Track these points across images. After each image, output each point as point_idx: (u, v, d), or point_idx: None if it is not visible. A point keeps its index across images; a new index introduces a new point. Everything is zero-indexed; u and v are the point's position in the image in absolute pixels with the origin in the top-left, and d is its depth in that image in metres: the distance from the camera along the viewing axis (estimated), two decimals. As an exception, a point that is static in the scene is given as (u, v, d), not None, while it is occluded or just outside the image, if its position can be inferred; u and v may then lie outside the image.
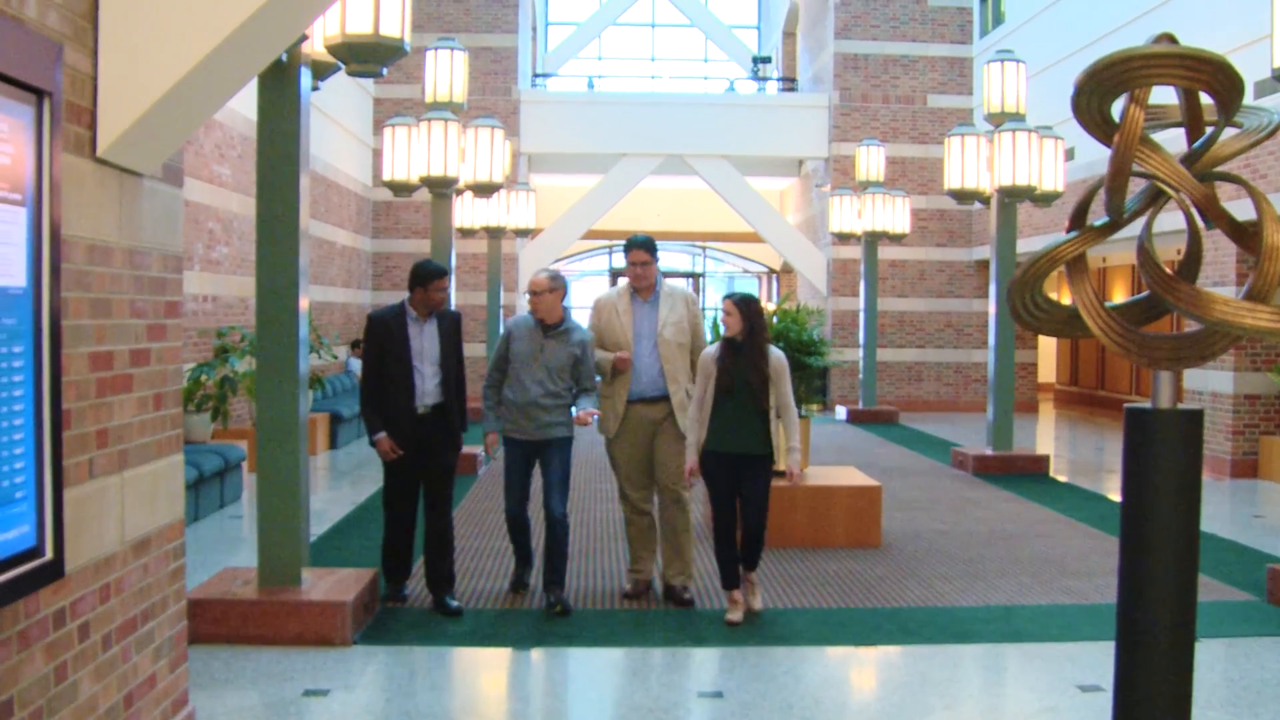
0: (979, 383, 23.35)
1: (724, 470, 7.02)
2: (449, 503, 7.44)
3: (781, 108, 25.20)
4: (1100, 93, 3.13)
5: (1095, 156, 17.56)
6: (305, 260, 7.09)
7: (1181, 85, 3.17)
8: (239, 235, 14.55)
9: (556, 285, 7.42)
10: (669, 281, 7.83)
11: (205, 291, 13.58)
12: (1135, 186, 3.44)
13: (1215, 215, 3.20)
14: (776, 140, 24.38)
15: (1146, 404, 3.30)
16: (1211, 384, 14.85)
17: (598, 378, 7.63)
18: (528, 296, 7.40)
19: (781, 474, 7.58)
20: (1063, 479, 13.94)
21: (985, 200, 14.62)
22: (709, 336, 8.18)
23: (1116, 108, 3.28)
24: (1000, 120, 14.03)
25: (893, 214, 18.89)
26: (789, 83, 29.46)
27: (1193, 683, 3.31)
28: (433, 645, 6.54)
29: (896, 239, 19.08)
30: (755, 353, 6.97)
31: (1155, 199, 3.32)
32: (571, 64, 33.41)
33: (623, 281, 7.82)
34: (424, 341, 7.22)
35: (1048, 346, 26.72)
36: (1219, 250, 14.22)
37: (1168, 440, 3.20)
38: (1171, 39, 3.23)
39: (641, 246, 7.60)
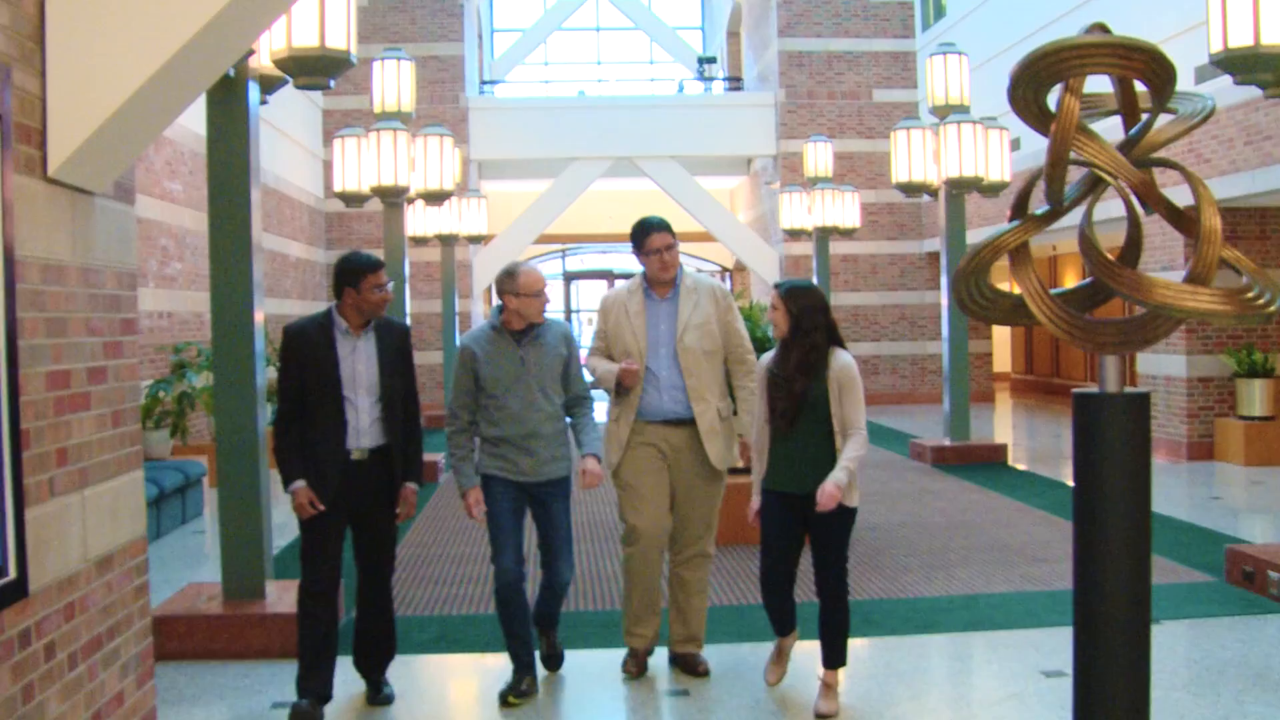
0: (935, 374, 23.52)
1: (785, 514, 5.57)
2: (388, 581, 5.88)
3: (728, 107, 25.31)
4: (1036, 84, 3.19)
5: (1040, 146, 17.62)
6: (259, 274, 7.10)
7: (1115, 74, 3.24)
8: (192, 251, 14.49)
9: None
10: (693, 273, 6.22)
11: (160, 308, 13.51)
12: (1076, 175, 3.51)
13: (1153, 200, 3.27)
14: (725, 139, 24.48)
15: (1094, 389, 3.37)
16: (1165, 368, 15.04)
17: (602, 393, 6.28)
18: (508, 299, 5.79)
19: (849, 512, 5.55)
20: (1021, 467, 14.08)
21: (933, 193, 14.75)
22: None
23: (1053, 99, 3.34)
24: (945, 113, 14.15)
25: (842, 209, 18.97)
26: (735, 82, 29.62)
27: (1150, 662, 3.37)
28: (401, 653, 6.54)
29: (847, 234, 19.16)
30: (808, 358, 5.44)
31: (1094, 186, 3.39)
32: (518, 70, 33.54)
33: (634, 277, 6.24)
34: (358, 363, 5.58)
35: (1002, 336, 26.96)
36: (1166, 235, 14.40)
37: (1117, 423, 3.27)
38: (1104, 29, 3.30)
39: (662, 227, 6.08)
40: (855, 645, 6.46)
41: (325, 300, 22.62)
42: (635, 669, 6.15)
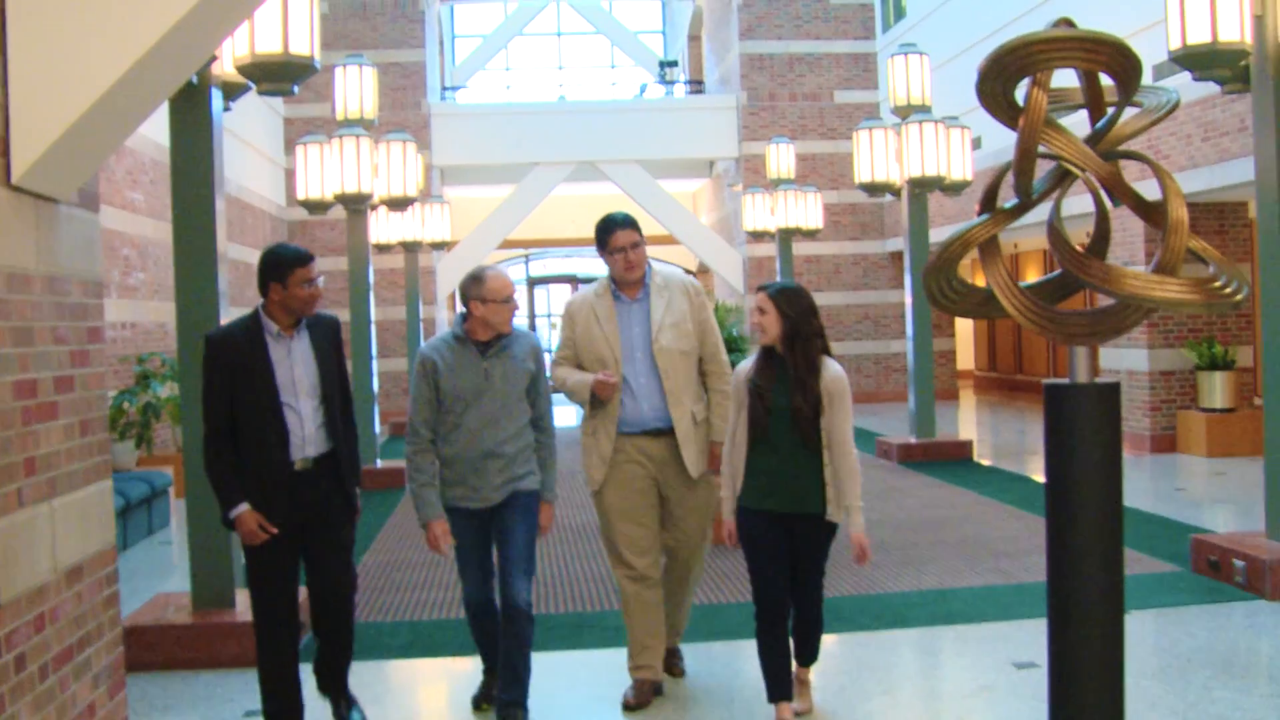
0: (899, 372, 23.63)
1: (768, 535, 5.12)
2: (348, 601, 5.34)
3: (690, 110, 25.41)
4: (1004, 78, 3.21)
5: (1001, 144, 17.83)
6: (224, 283, 7.06)
7: (1082, 67, 3.27)
8: (155, 261, 14.40)
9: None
10: (662, 268, 5.83)
11: (123, 319, 13.41)
12: (1044, 169, 3.53)
13: (1121, 192, 3.30)
14: (687, 142, 24.54)
15: (1064, 380, 3.39)
16: (1127, 362, 15.17)
17: (576, 409, 5.90)
18: (473, 306, 5.31)
19: (832, 528, 5.18)
20: (986, 463, 14.17)
21: (896, 192, 14.81)
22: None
23: (1021, 93, 3.36)
24: (906, 113, 14.21)
25: (805, 210, 19.03)
26: (696, 85, 29.70)
27: (1124, 651, 3.39)
28: (372, 659, 6.51)
29: (810, 234, 19.21)
30: (802, 368, 5.02)
31: (1062, 179, 3.42)
32: (480, 76, 33.47)
33: (600, 279, 5.81)
34: (295, 365, 5.11)
35: (965, 334, 27.08)
36: (1126, 232, 14.52)
37: (1087, 413, 3.30)
38: (1070, 23, 3.32)
39: (627, 224, 5.64)
40: (827, 641, 6.40)
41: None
42: (637, 700, 5.65)
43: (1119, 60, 3.13)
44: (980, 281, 3.58)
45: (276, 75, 7.26)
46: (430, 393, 5.32)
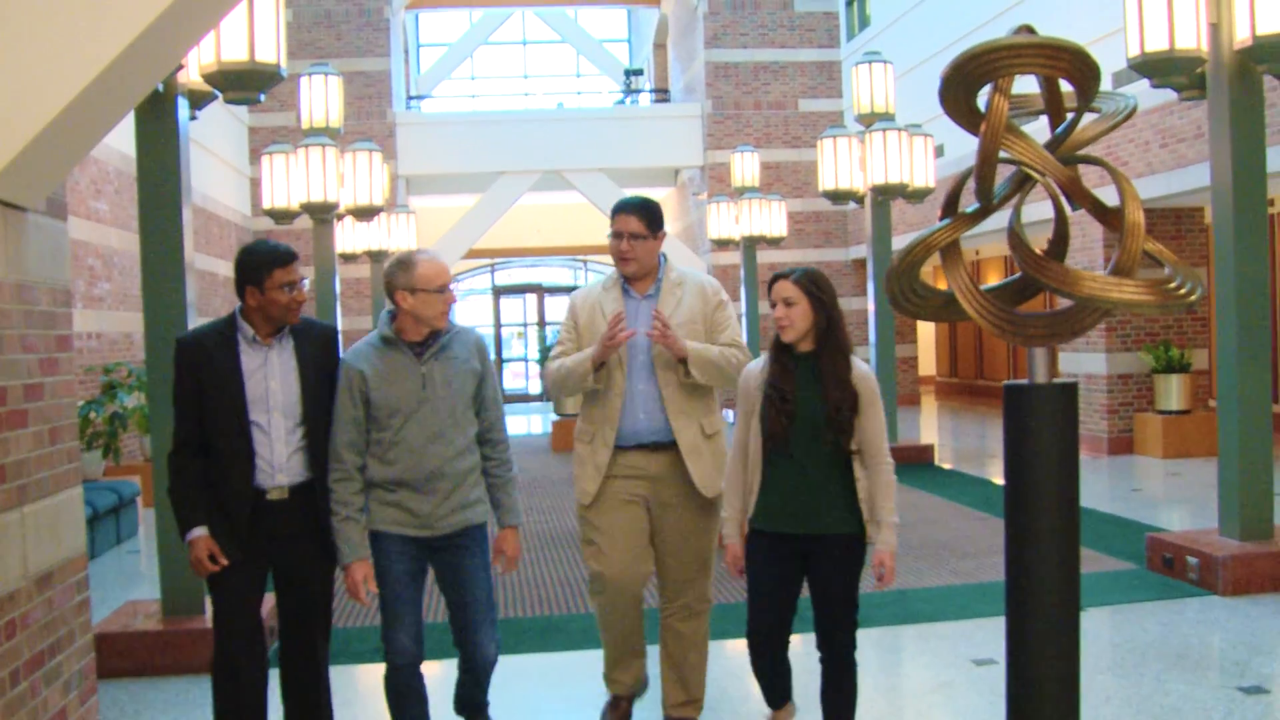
0: (865, 379, 23.73)
1: (782, 560, 4.47)
2: (318, 655, 4.71)
3: (655, 119, 25.49)
4: (966, 84, 3.28)
5: (964, 151, 17.99)
6: (192, 292, 7.06)
7: (1042, 74, 3.34)
8: (120, 271, 14.37)
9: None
10: (681, 267, 5.23)
11: (89, 329, 13.38)
12: (1007, 174, 3.60)
13: (1079, 196, 3.36)
14: (652, 151, 24.64)
15: (1024, 381, 3.46)
16: (1085, 366, 15.35)
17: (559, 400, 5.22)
18: (401, 298, 4.54)
19: (863, 550, 4.50)
20: (947, 466, 14.32)
21: (859, 200, 14.90)
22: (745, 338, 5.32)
23: (983, 100, 3.43)
24: (870, 121, 14.30)
25: (769, 218, 19.12)
26: (661, 94, 29.80)
27: (1080, 642, 3.46)
28: (343, 663, 6.51)
29: (774, 243, 19.28)
30: (842, 365, 4.36)
31: (1022, 184, 3.48)
32: (445, 85, 33.49)
33: (610, 272, 5.22)
34: (270, 378, 4.49)
35: (927, 340, 27.28)
36: (1086, 237, 14.67)
37: (1045, 413, 3.37)
38: (1031, 30, 3.39)
39: (632, 208, 5.04)
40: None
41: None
42: (615, 718, 5.27)
43: (1078, 67, 3.20)
44: (943, 285, 3.65)
45: (242, 84, 7.26)
46: (356, 409, 4.50)
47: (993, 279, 23.83)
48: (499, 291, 32.66)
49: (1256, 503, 7.68)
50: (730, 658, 6.22)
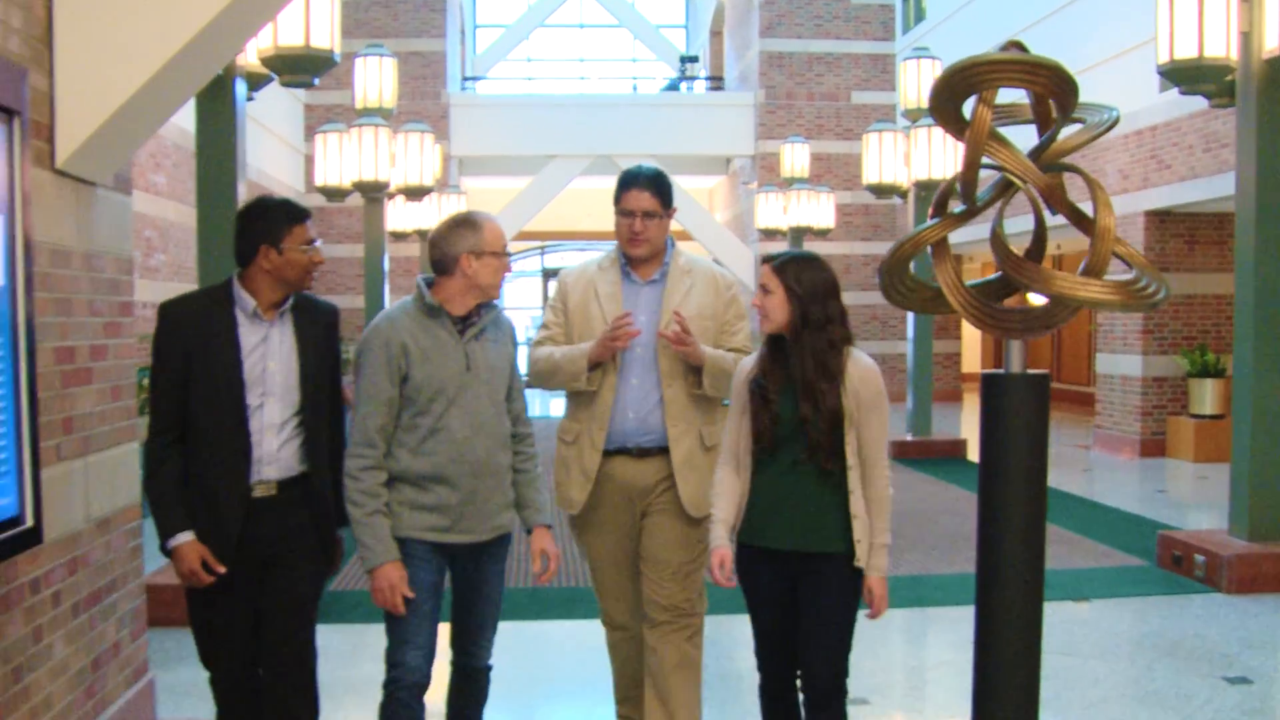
0: (904, 372, 23.92)
1: (771, 579, 3.96)
2: (311, 666, 4.05)
3: (708, 106, 25.71)
4: (953, 95, 3.55)
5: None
6: (245, 264, 7.42)
7: (1022, 87, 3.61)
8: (175, 243, 14.80)
9: None
10: (689, 252, 4.63)
11: (144, 298, 13.79)
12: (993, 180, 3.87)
13: (1057, 202, 3.63)
14: (704, 139, 24.81)
15: (1002, 371, 3.75)
16: (1121, 368, 15.51)
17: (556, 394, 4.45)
18: (465, 262, 3.94)
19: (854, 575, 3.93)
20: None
21: (903, 195, 15.12)
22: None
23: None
24: (917, 116, 14.51)
25: (817, 209, 19.36)
26: (716, 81, 29.95)
27: (1042, 618, 3.74)
28: (376, 622, 6.85)
29: (821, 234, 19.54)
30: (810, 367, 3.84)
31: (1005, 189, 3.75)
32: (501, 66, 33.76)
33: (609, 250, 4.61)
34: (269, 358, 3.91)
35: (972, 336, 27.35)
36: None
37: (1019, 400, 3.65)
38: (1021, 46, 3.66)
39: (644, 182, 4.42)
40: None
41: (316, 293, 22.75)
42: None
43: (1056, 82, 3.47)
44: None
45: (298, 67, 7.64)
46: (393, 388, 3.91)
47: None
48: (548, 274, 33.01)
49: (1265, 505, 7.89)
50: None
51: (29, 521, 3.54)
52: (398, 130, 13.67)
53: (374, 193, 13.10)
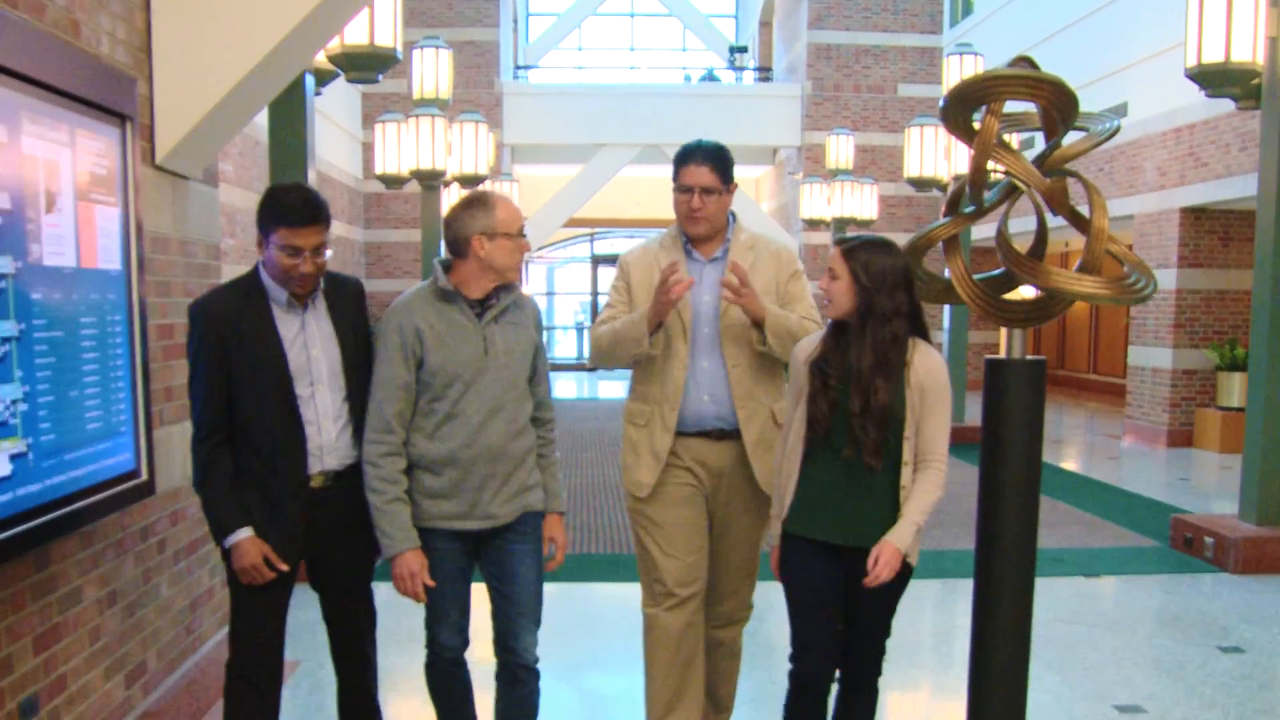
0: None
1: (817, 573, 3.86)
2: (365, 647, 4.20)
3: (756, 97, 26.02)
4: (964, 106, 3.95)
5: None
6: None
7: (1027, 100, 4.00)
8: (242, 227, 15.32)
9: None
10: (752, 230, 4.48)
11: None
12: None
13: (1058, 205, 4.02)
14: (751, 129, 25.06)
15: (1004, 356, 4.16)
16: (1152, 360, 15.80)
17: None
18: (476, 244, 3.85)
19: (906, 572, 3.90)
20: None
21: (943, 188, 15.43)
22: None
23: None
24: (958, 111, 14.75)
25: (861, 200, 19.65)
26: (765, 72, 30.20)
27: (1034, 588, 4.12)
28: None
29: (864, 224, 19.83)
30: (869, 359, 3.72)
31: (1011, 193, 4.15)
32: (552, 55, 34.13)
33: (669, 229, 4.47)
34: (311, 345, 3.84)
35: (1014, 327, 27.49)
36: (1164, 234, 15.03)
37: (1018, 384, 4.04)
38: (1030, 62, 4.05)
39: (703, 156, 4.30)
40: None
41: (363, 277, 23.29)
42: None
43: (1056, 95, 3.86)
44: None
45: (363, 65, 8.12)
46: (408, 373, 3.85)
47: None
48: (597, 260, 33.41)
49: (1273, 491, 8.26)
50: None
51: (144, 475, 4.04)
52: (453, 120, 14.11)
53: (431, 181, 13.55)
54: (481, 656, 4.22)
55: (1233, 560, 7.98)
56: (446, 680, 4.07)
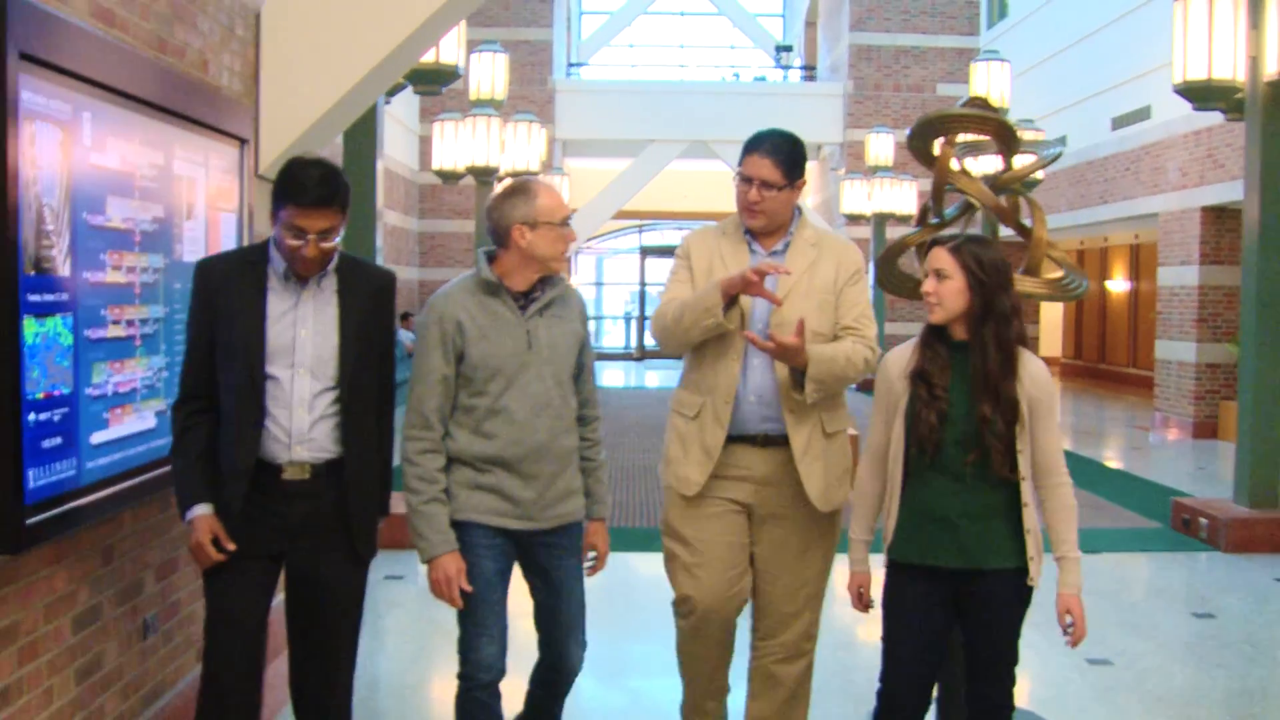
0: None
1: (926, 605, 3.56)
2: (348, 677, 3.82)
3: (800, 95, 26.88)
4: (924, 136, 4.80)
5: (1087, 143, 19.10)
6: (380, 240, 8.79)
7: (976, 133, 4.85)
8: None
9: None
10: (816, 223, 4.34)
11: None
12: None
13: (1006, 219, 4.87)
14: (795, 126, 23.78)
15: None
16: (1178, 354, 16.47)
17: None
18: (517, 234, 3.68)
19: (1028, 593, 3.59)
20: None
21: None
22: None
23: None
24: (986, 113, 15.41)
25: (899, 196, 20.37)
26: (810, 71, 30.89)
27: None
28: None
29: (904, 220, 20.49)
30: (995, 362, 3.44)
31: (967, 208, 4.99)
32: (604, 52, 34.83)
33: (729, 217, 4.18)
34: (300, 325, 3.56)
35: (1052, 321, 27.90)
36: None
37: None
38: (984, 101, 4.92)
39: (768, 148, 4.07)
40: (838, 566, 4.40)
41: (417, 266, 24.14)
42: None
43: (999, 130, 4.70)
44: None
45: (429, 79, 9.03)
46: (449, 367, 3.69)
47: (1117, 266, 24.71)
48: (645, 252, 34.12)
49: (1265, 475, 8.95)
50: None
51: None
52: (508, 119, 14.91)
53: (485, 176, 14.41)
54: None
55: (1225, 540, 8.63)
56: (478, 706, 3.73)
